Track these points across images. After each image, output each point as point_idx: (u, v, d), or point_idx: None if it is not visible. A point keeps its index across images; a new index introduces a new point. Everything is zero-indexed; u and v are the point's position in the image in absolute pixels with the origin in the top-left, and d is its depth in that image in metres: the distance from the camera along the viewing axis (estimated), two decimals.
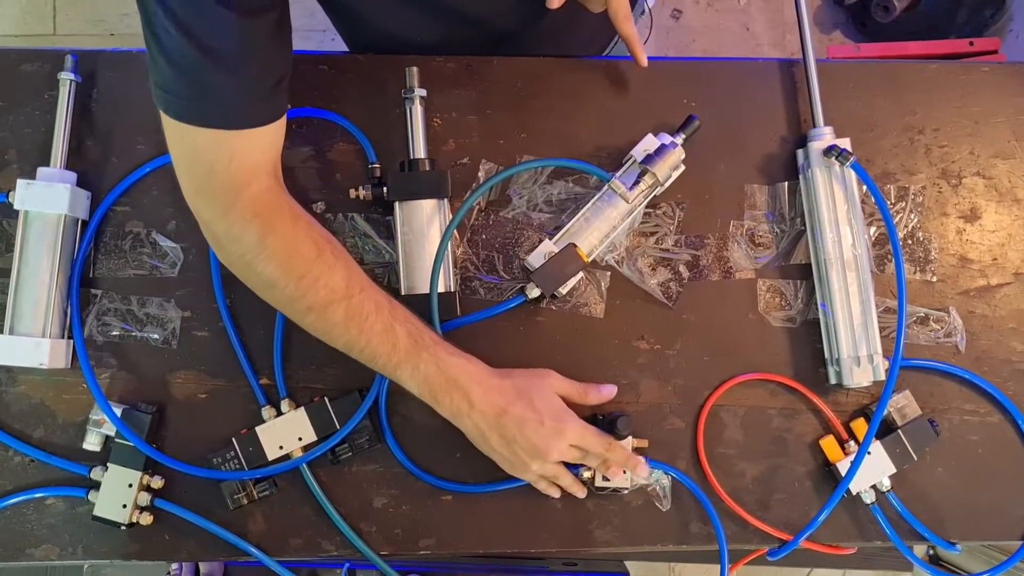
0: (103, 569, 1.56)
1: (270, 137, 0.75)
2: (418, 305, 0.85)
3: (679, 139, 0.91)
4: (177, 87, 0.68)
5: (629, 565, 1.64)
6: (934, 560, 1.70)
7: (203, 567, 1.53)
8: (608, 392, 0.88)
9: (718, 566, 0.90)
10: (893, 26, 2.18)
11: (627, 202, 0.90)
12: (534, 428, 0.81)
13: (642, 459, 0.86)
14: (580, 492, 0.88)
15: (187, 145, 0.72)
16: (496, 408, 0.80)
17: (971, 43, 1.70)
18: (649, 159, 0.89)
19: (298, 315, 0.79)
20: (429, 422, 0.90)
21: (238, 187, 0.73)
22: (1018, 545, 0.92)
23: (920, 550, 1.59)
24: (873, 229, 0.95)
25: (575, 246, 0.89)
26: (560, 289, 0.89)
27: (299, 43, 0.78)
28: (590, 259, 0.91)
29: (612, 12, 0.88)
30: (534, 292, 0.89)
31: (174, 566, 1.53)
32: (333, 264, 0.77)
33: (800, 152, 0.95)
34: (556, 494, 0.89)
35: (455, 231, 0.92)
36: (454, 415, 0.82)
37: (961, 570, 1.53)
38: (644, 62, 0.92)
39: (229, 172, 0.72)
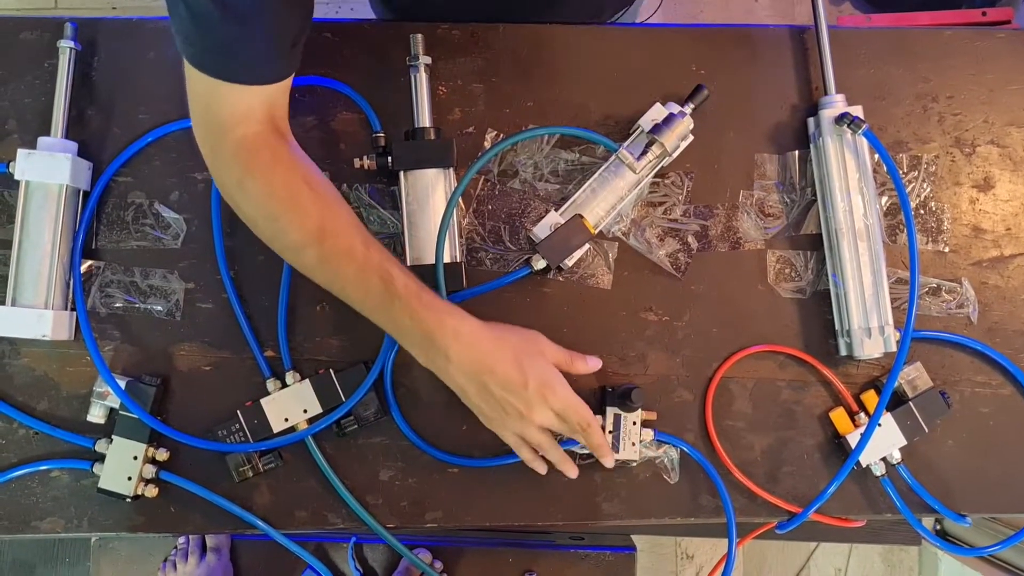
0: (110, 542, 1.57)
1: (268, 91, 0.76)
2: (424, 276, 0.84)
3: (688, 109, 0.89)
4: (187, 31, 0.70)
5: (635, 539, 1.65)
6: (940, 534, 1.70)
7: (209, 540, 1.54)
8: (593, 364, 0.85)
9: (725, 540, 0.89)
10: None
11: (634, 172, 0.88)
12: (518, 391, 0.78)
13: (611, 451, 0.86)
14: (571, 471, 0.86)
15: (190, 80, 0.75)
16: (479, 365, 0.78)
17: (984, 13, 1.67)
18: (657, 129, 0.88)
19: (279, 253, 0.81)
20: (435, 395, 0.89)
21: (225, 128, 0.76)
22: None
23: (927, 523, 1.59)
24: (885, 199, 0.94)
25: (581, 217, 0.88)
26: (566, 261, 0.88)
27: None
28: (596, 231, 0.89)
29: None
30: (540, 264, 0.88)
31: (180, 539, 1.54)
32: (307, 208, 0.77)
33: (811, 120, 0.93)
34: (542, 469, 0.87)
35: (461, 201, 0.91)
36: (435, 370, 0.80)
37: (968, 544, 1.53)
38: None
39: (221, 113, 0.75)
